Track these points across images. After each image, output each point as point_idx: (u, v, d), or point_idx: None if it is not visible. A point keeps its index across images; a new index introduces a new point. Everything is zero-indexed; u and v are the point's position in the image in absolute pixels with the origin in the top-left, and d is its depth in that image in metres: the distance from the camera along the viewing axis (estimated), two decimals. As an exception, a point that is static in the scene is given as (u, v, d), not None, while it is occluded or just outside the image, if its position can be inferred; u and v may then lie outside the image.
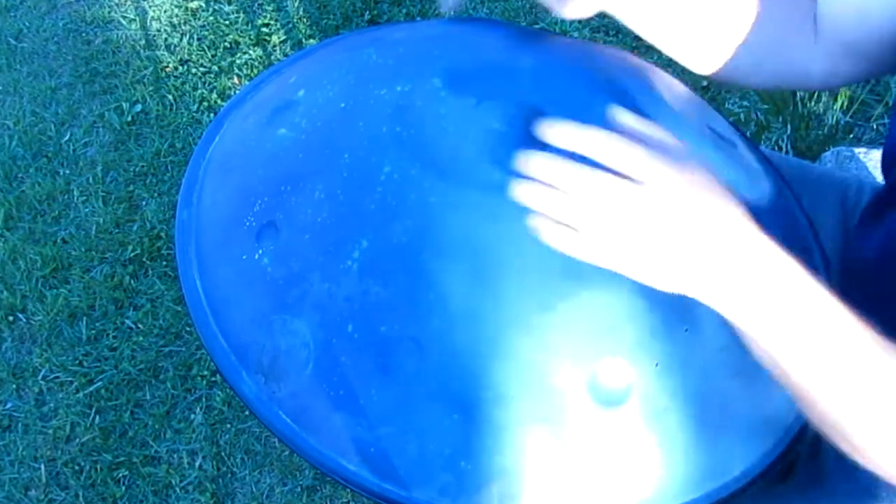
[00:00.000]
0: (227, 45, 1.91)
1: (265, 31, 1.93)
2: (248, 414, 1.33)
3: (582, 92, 0.59)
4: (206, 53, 1.90)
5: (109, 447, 1.32)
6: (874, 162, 1.25)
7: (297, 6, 1.98)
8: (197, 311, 0.59)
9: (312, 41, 1.91)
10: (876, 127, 1.48)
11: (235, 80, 1.84)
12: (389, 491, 0.52)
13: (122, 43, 1.96)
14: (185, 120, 1.78)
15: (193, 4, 2.01)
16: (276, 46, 1.90)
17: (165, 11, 2.00)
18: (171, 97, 1.81)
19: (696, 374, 0.55)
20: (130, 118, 1.79)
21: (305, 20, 1.94)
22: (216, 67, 1.87)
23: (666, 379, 0.53)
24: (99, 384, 1.39)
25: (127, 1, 2.06)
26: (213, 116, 1.75)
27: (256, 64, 1.86)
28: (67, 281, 1.54)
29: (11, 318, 1.50)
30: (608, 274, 0.53)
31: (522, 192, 0.49)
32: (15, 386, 1.41)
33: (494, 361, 0.52)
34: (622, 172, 0.47)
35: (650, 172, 0.47)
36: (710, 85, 1.46)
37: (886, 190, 0.66)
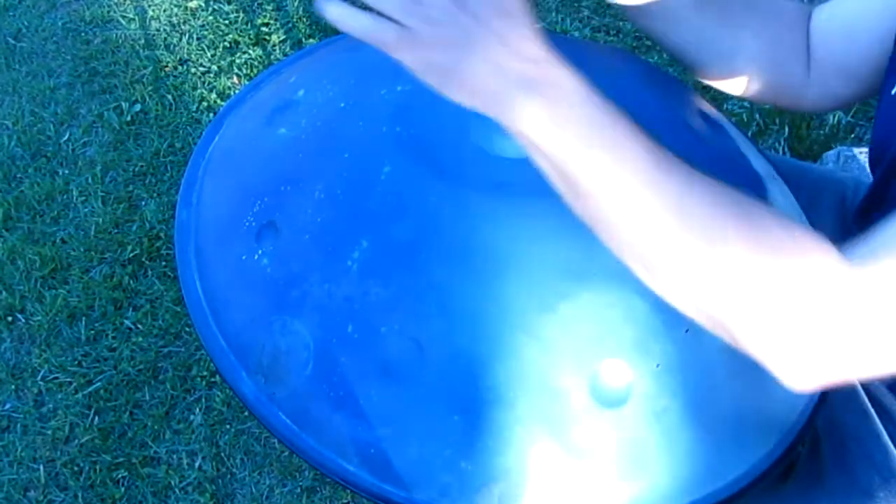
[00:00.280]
0: (226, 44, 1.91)
1: (265, 30, 1.93)
2: (247, 414, 1.33)
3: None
4: (205, 53, 1.90)
5: (108, 448, 1.32)
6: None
7: (296, 5, 1.98)
8: (196, 311, 0.59)
9: (312, 41, 1.90)
10: (876, 127, 1.48)
11: (235, 79, 1.84)
12: (389, 492, 0.52)
13: (121, 42, 1.96)
14: (184, 120, 1.77)
15: (193, 4, 2.00)
16: (275, 46, 1.90)
17: (165, 11, 2.00)
18: (170, 97, 1.81)
19: (696, 375, 0.55)
20: (130, 118, 1.79)
21: (305, 20, 1.94)
22: (216, 67, 1.86)
23: (666, 380, 0.53)
24: (98, 385, 1.39)
25: (126, 0, 2.06)
26: (212, 116, 1.75)
27: (256, 64, 1.86)
28: (66, 281, 1.54)
29: (10, 318, 1.50)
30: (609, 274, 0.53)
31: None
32: (14, 387, 1.41)
33: (495, 362, 0.52)
34: None
35: None
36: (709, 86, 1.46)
37: (872, 187, 0.66)
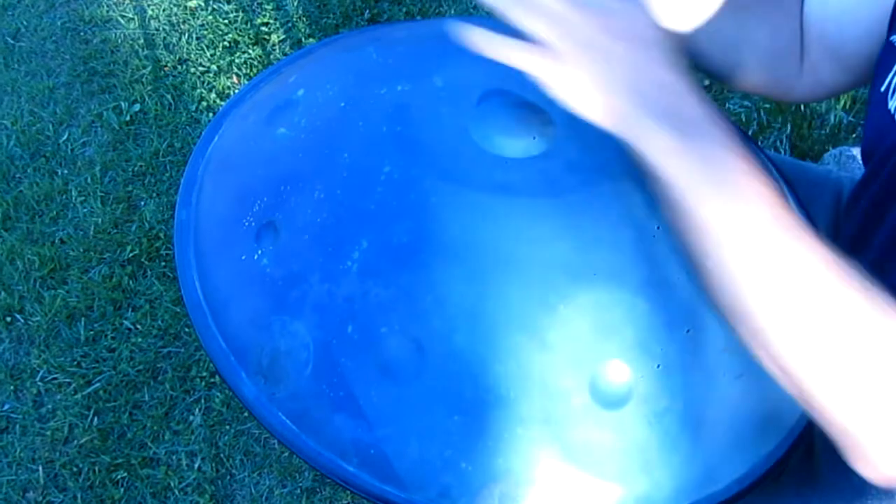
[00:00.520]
0: (226, 44, 1.91)
1: (264, 30, 1.93)
2: (247, 415, 1.33)
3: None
4: (204, 53, 1.90)
5: (108, 449, 1.32)
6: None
7: (296, 5, 1.97)
8: (196, 311, 0.59)
9: (312, 40, 1.90)
10: (877, 127, 1.48)
11: (234, 79, 1.84)
12: (389, 493, 0.52)
13: (120, 42, 1.96)
14: (183, 119, 1.77)
15: (192, 3, 2.00)
16: (275, 45, 1.90)
17: (164, 10, 2.00)
18: (169, 97, 1.81)
19: (697, 375, 0.54)
20: (129, 118, 1.79)
21: (305, 19, 1.94)
22: (215, 67, 1.86)
23: (667, 380, 0.53)
24: (97, 385, 1.39)
25: (125, 0, 2.06)
26: (212, 116, 1.75)
27: (255, 63, 1.86)
28: (65, 281, 1.53)
29: (9, 318, 1.49)
30: (609, 274, 0.53)
31: None
32: (13, 387, 1.41)
33: (495, 362, 0.51)
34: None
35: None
36: (711, 84, 1.46)
37: (864, 178, 0.66)
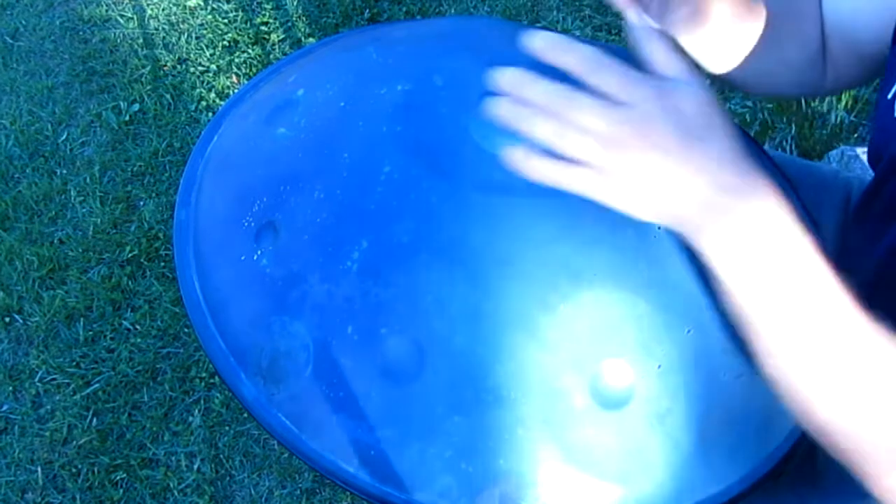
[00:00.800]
0: (225, 43, 1.90)
1: (264, 29, 1.93)
2: (246, 416, 1.33)
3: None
4: (204, 52, 1.89)
5: (107, 450, 1.32)
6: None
7: (296, 4, 1.97)
8: (195, 312, 0.59)
9: (312, 40, 1.90)
10: (878, 126, 1.48)
11: (234, 79, 1.84)
12: (389, 494, 0.52)
13: (119, 42, 1.95)
14: (183, 119, 1.77)
15: (192, 3, 2.00)
16: (275, 45, 1.90)
17: (163, 10, 2.00)
18: (168, 96, 1.81)
19: (698, 376, 0.54)
20: (128, 117, 1.79)
21: (305, 18, 1.94)
22: (214, 66, 1.86)
23: (668, 381, 0.53)
24: (96, 386, 1.38)
25: None
26: (211, 116, 1.75)
27: (255, 63, 1.86)
28: (64, 282, 1.53)
29: (8, 319, 1.49)
30: (610, 275, 0.53)
31: (504, 110, 0.44)
32: (11, 388, 1.41)
33: (495, 363, 0.51)
34: (606, 93, 0.42)
35: (639, 92, 0.42)
36: (712, 84, 1.46)
37: (873, 184, 0.65)
